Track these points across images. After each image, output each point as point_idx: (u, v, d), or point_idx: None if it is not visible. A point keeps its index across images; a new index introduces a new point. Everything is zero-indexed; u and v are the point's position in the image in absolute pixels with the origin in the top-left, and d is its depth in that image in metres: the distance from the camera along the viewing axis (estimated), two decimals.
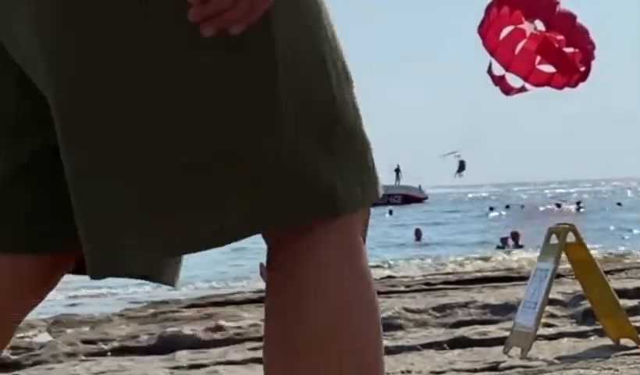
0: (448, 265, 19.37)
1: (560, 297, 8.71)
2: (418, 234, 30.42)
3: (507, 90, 37.73)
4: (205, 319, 8.99)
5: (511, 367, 6.51)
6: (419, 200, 64.05)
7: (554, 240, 6.92)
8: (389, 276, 12.89)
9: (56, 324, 9.76)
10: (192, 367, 7.29)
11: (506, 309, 8.55)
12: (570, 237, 6.90)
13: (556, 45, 36.46)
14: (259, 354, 7.64)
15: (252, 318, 8.70)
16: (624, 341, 7.01)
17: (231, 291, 14.06)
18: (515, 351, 6.84)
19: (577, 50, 36.00)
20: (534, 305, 6.78)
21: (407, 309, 8.67)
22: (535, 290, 6.85)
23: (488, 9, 36.42)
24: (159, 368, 7.30)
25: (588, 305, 7.52)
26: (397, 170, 65.89)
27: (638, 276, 10.41)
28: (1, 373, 7.66)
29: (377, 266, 19.33)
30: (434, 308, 8.76)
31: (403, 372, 6.68)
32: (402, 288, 10.59)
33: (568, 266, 7.54)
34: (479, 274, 11.63)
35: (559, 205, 53.61)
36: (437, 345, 7.63)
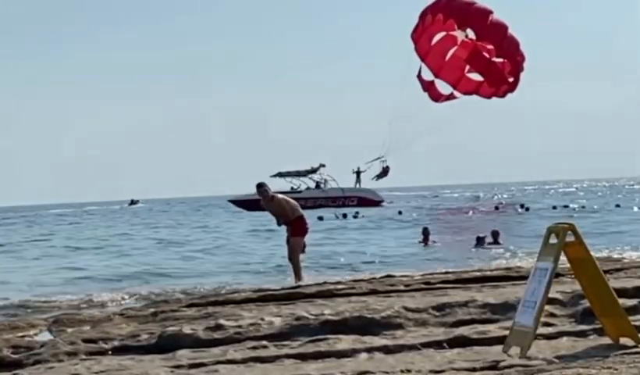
0: None
1: (559, 296, 8.72)
2: (426, 234, 26.43)
3: (436, 96, 37.67)
4: (205, 318, 9.00)
5: (511, 366, 6.52)
6: (375, 203, 64.34)
7: (553, 239, 6.94)
8: (389, 276, 12.86)
9: (57, 323, 9.77)
10: (192, 366, 7.30)
11: (506, 308, 8.57)
12: (570, 237, 6.92)
13: (486, 55, 36.53)
14: (259, 353, 7.66)
15: (252, 317, 8.71)
16: (623, 340, 7.02)
17: (230, 290, 14.06)
18: (515, 350, 6.86)
19: (506, 61, 36.07)
20: (533, 305, 6.79)
21: (406, 308, 8.68)
22: (534, 289, 6.86)
23: (422, 15, 36.39)
24: (159, 367, 7.31)
25: (588, 304, 7.54)
26: (358, 172, 66.03)
27: (637, 275, 10.43)
28: (2, 371, 7.67)
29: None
30: (433, 308, 8.78)
31: (403, 371, 6.69)
32: (401, 287, 10.60)
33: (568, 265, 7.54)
34: (479, 273, 11.63)
35: (471, 210, 52.47)
36: (437, 344, 7.64)
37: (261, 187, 15.23)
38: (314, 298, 9.99)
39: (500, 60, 34.80)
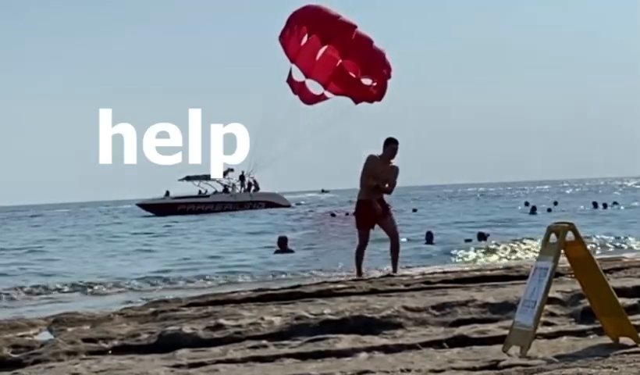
0: None
1: (559, 296, 8.72)
2: (429, 237, 26.53)
3: (308, 98, 37.01)
4: (205, 317, 9.00)
5: (510, 366, 6.53)
6: (283, 207, 64.35)
7: (553, 239, 6.94)
8: (389, 275, 12.86)
9: (57, 323, 9.76)
10: (192, 366, 7.30)
11: (506, 308, 8.57)
12: (570, 236, 6.92)
13: (350, 74, 36.06)
14: (259, 352, 7.66)
15: (252, 316, 8.71)
16: (622, 340, 7.02)
17: (230, 289, 14.06)
18: (514, 349, 6.86)
19: (373, 77, 35.66)
20: (533, 304, 6.80)
21: (406, 308, 8.68)
22: (534, 288, 6.86)
23: (289, 22, 35.74)
24: (159, 366, 7.31)
25: (587, 303, 7.54)
26: (242, 177, 65.93)
27: (637, 274, 10.42)
28: (2, 371, 7.67)
29: None
30: (433, 307, 8.78)
31: (402, 370, 6.70)
32: (401, 287, 10.59)
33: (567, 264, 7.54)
34: (478, 273, 11.63)
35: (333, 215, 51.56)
36: (436, 344, 7.64)
37: (396, 142, 13.12)
38: (313, 297, 9.99)
39: (366, 77, 34.72)
